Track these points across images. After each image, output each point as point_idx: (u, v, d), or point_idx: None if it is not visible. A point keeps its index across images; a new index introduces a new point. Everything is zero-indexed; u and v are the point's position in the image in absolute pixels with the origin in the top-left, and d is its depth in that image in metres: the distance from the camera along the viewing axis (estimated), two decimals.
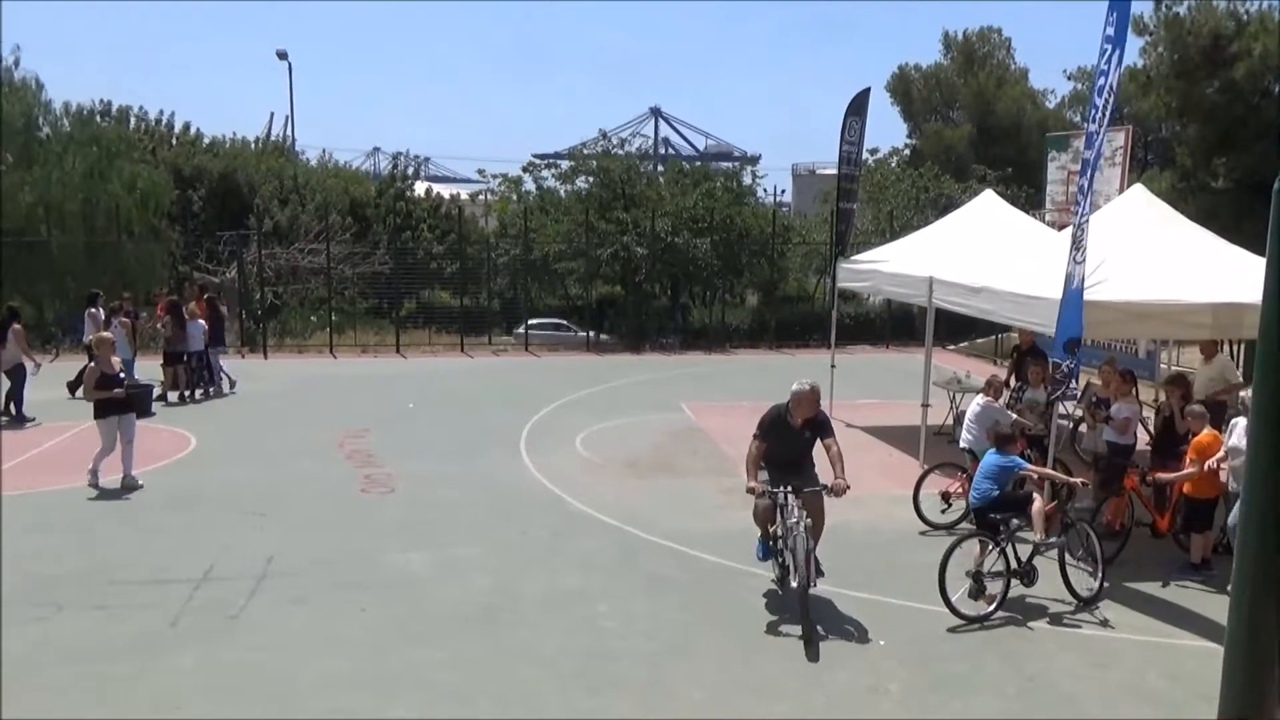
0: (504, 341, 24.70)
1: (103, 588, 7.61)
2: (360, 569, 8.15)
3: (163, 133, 38.28)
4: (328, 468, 11.53)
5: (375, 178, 45.80)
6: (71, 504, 9.93)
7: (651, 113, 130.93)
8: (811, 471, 7.58)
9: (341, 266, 26.04)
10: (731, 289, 27.53)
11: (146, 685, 6.11)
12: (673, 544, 8.85)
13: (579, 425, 13.90)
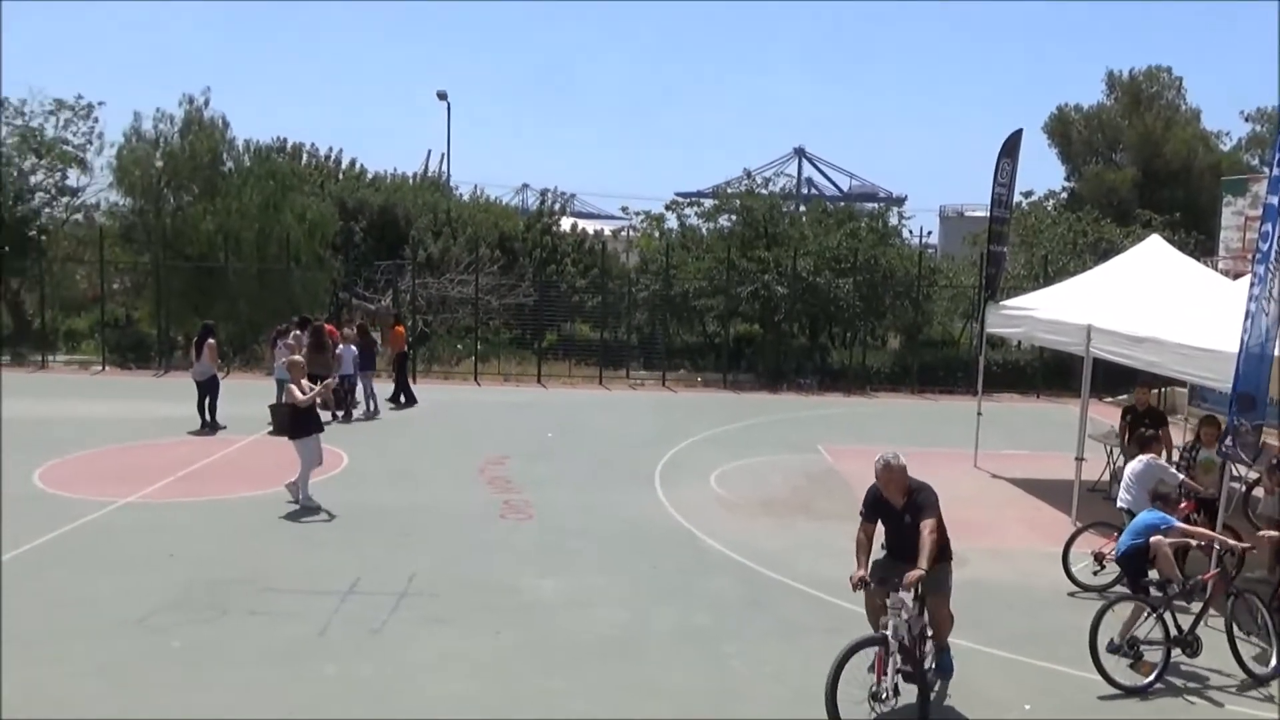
0: (642, 375, 24.92)
1: (259, 595, 8.04)
2: (496, 593, 8.34)
3: (330, 168, 40.70)
4: (469, 492, 11.88)
5: (523, 213, 47.23)
6: (235, 512, 10.56)
7: (795, 153, 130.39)
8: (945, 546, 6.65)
9: (488, 297, 26.92)
10: (873, 331, 26.99)
11: (293, 691, 6.40)
12: (807, 588, 8.68)
13: (714, 462, 13.86)
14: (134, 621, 7.38)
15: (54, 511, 10.27)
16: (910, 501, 6.51)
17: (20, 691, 6.20)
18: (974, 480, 13.37)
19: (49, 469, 12.21)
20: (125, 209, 28.09)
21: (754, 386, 23.50)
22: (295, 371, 11.11)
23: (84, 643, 7.00)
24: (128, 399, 18.33)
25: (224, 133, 28.23)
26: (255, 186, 27.15)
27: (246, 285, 26.00)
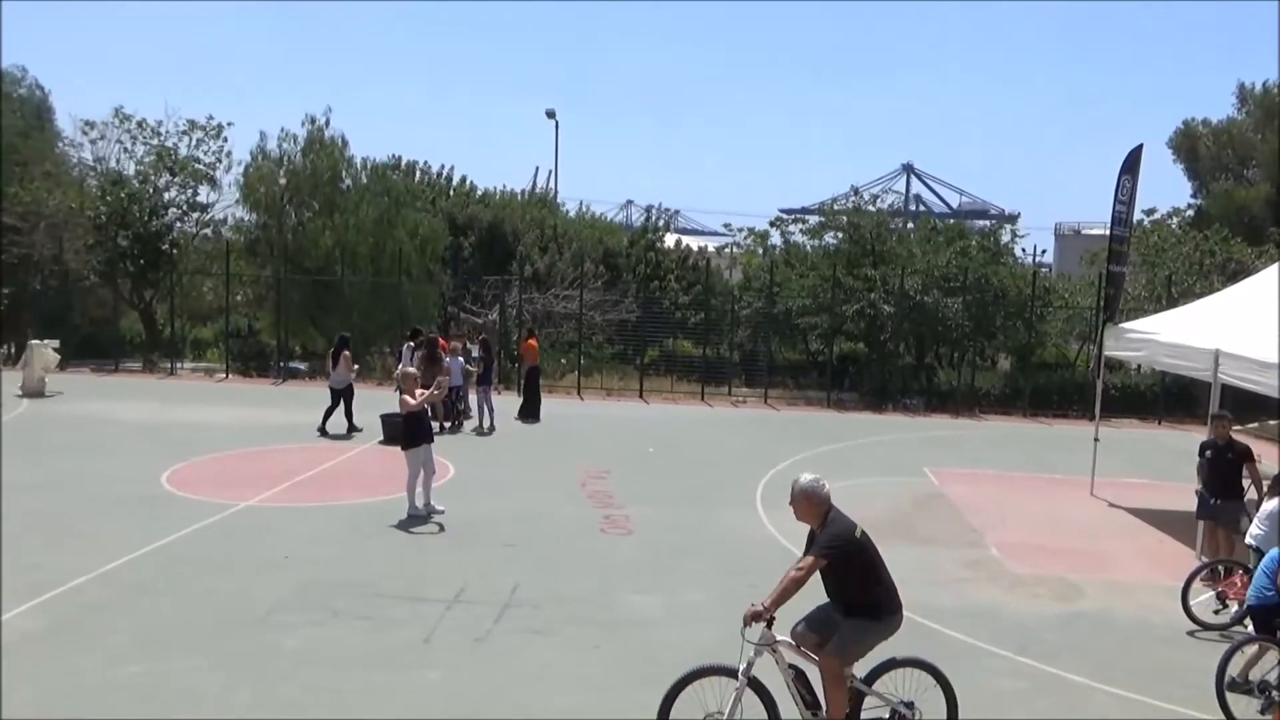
0: (744, 392, 24.79)
1: (369, 599, 8.28)
2: (596, 606, 8.39)
3: (442, 184, 41.87)
4: (570, 505, 12.00)
5: (628, 229, 47.62)
6: (347, 518, 10.92)
7: (904, 169, 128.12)
8: (854, 598, 5.80)
9: (592, 313, 27.23)
10: (982, 352, 26.24)
11: (399, 695, 6.56)
12: (911, 614, 8.38)
13: None
14: (253, 620, 7.70)
15: (181, 512, 10.80)
16: (819, 533, 5.85)
17: (150, 681, 6.52)
18: (1090, 509, 12.85)
19: (176, 472, 12.86)
20: (250, 224, 29.46)
21: (858, 406, 23.10)
22: (407, 382, 11.42)
23: (209, 638, 7.33)
24: (248, 406, 19.17)
25: (343, 151, 29.38)
26: (371, 203, 28.16)
27: (360, 298, 26.92)
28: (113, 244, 27.13)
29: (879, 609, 5.78)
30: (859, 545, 5.76)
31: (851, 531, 5.78)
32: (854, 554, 5.74)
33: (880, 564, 5.84)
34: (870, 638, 5.81)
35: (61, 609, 7.78)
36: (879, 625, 5.79)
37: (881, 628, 5.81)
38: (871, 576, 5.79)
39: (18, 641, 7.11)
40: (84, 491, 11.66)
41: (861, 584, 5.77)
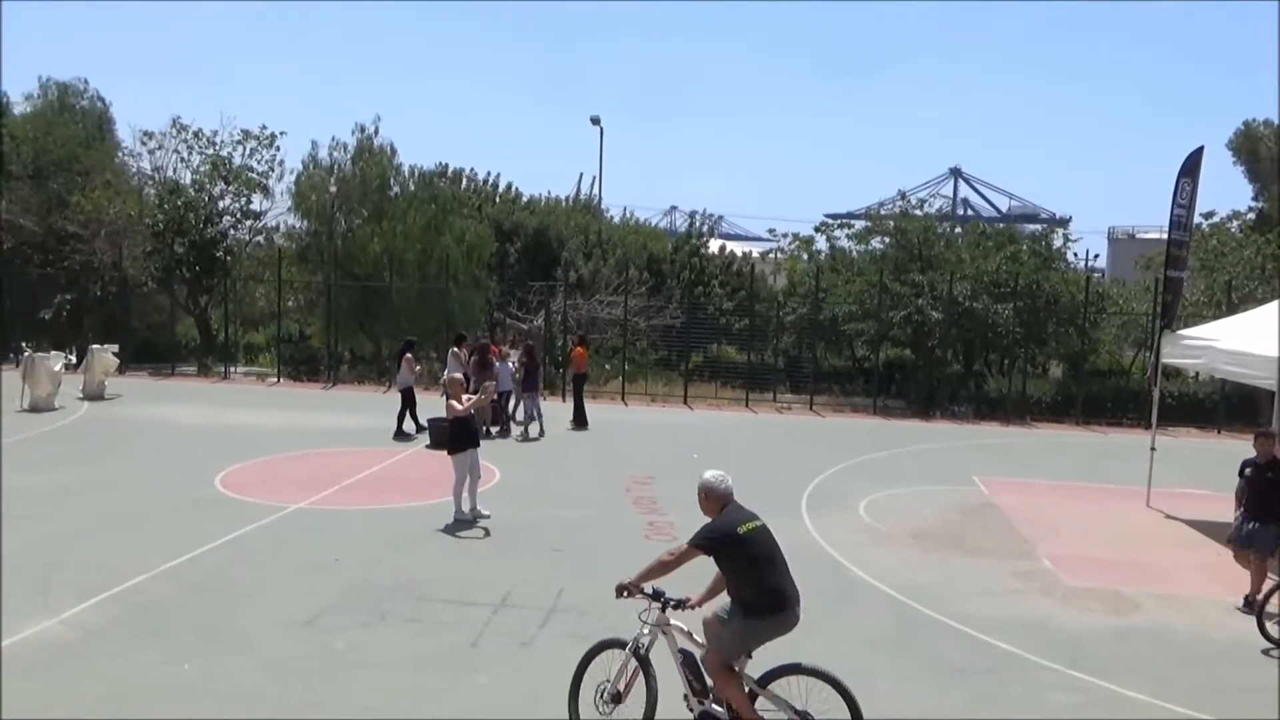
0: (788, 399, 24.65)
1: (417, 602, 8.36)
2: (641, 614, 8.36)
3: (488, 191, 42.24)
4: (615, 511, 12.01)
5: (672, 235, 47.66)
6: (394, 521, 11.04)
7: (951, 172, 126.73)
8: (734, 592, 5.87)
9: (636, 318, 27.28)
10: (1033, 358, 25.81)
11: (447, 699, 6.61)
12: (961, 626, 8.34)
13: (863, 490, 13.54)
14: (303, 622, 7.81)
15: (233, 514, 11.01)
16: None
17: (206, 680, 6.65)
18: (1146, 520, 12.57)
19: (229, 474, 13.10)
20: (301, 231, 29.97)
21: (905, 413, 22.85)
22: (453, 388, 11.52)
23: (260, 638, 7.45)
24: (299, 410, 19.47)
25: (391, 159, 29.79)
26: (419, 210, 28.50)
27: (408, 304, 27.24)
28: (169, 251, 27.78)
29: (754, 607, 5.73)
30: (737, 540, 5.79)
31: (734, 527, 5.84)
32: (729, 548, 5.79)
33: (763, 563, 5.78)
34: (746, 635, 5.78)
35: (121, 606, 7.97)
36: (756, 624, 5.74)
37: (760, 627, 5.75)
38: (747, 574, 5.76)
39: (82, 638, 7.30)
40: (141, 492, 11.94)
41: (736, 580, 5.80)
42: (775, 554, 5.89)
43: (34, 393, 18.02)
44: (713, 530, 5.89)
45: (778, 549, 5.92)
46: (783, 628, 5.82)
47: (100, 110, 34.63)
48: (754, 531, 5.88)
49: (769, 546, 5.88)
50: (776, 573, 5.81)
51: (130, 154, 31.94)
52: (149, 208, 28.86)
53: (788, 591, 5.81)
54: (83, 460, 13.87)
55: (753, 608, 5.74)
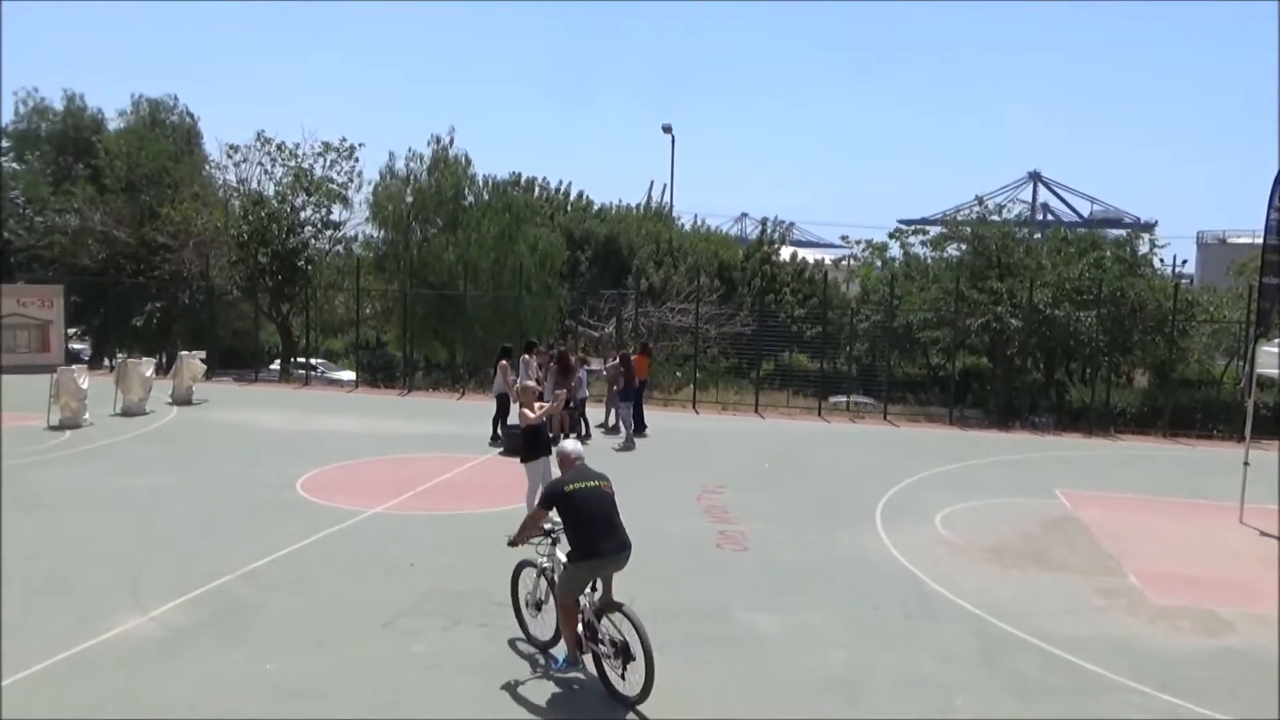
0: (862, 408, 24.32)
1: (489, 608, 8.44)
2: (712, 623, 8.33)
3: (560, 200, 42.67)
4: (686, 519, 11.98)
5: (743, 242, 47.48)
6: (468, 527, 11.18)
7: (1030, 177, 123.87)
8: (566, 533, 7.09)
9: (707, 326, 27.23)
10: (1117, 367, 25.01)
11: (520, 702, 6.66)
12: (1043, 644, 8.10)
13: (939, 502, 13.27)
14: (381, 624, 7.96)
15: (313, 517, 11.28)
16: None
17: (288, 679, 6.82)
18: (1239, 537, 12.06)
19: (309, 478, 13.43)
20: (379, 241, 30.66)
21: (983, 423, 22.36)
22: (526, 396, 11.60)
23: (340, 639, 7.61)
24: (376, 416, 19.88)
25: (466, 169, 30.33)
26: (492, 219, 28.94)
27: (482, 311, 27.66)
28: (253, 261, 28.66)
29: (575, 554, 6.81)
30: (564, 496, 6.87)
31: (563, 485, 6.96)
32: (560, 503, 6.88)
33: (584, 517, 6.80)
34: (576, 576, 6.86)
35: (207, 606, 8.22)
36: (582, 566, 6.81)
37: (586, 568, 6.82)
38: (573, 525, 6.83)
39: (170, 636, 7.54)
40: (226, 495, 12.32)
41: (566, 529, 6.91)
42: (598, 509, 6.88)
43: (126, 397, 18.74)
44: (549, 488, 7.17)
45: (605, 506, 6.96)
46: (602, 571, 6.92)
47: (189, 125, 35.96)
48: (581, 489, 6.91)
49: (594, 504, 6.89)
50: (594, 526, 6.79)
51: (217, 167, 33.15)
52: (234, 219, 29.84)
53: (602, 544, 6.79)
54: (172, 463, 14.36)
55: (575, 555, 6.83)
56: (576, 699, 6.79)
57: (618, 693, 6.67)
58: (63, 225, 30.86)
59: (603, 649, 6.70)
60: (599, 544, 6.76)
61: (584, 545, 6.75)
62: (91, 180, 30.92)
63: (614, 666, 6.65)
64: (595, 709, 6.64)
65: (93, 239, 29.45)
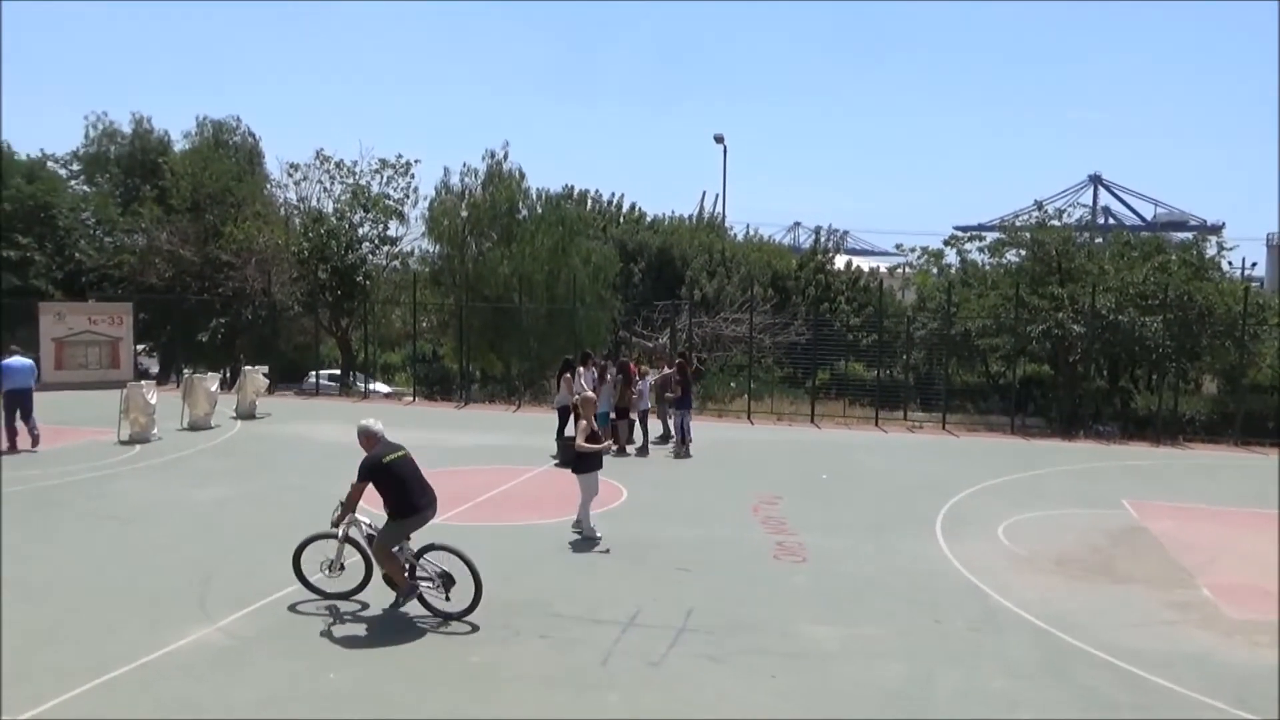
0: (919, 417, 23.99)
1: (547, 619, 8.48)
2: (771, 636, 8.26)
3: (612, 212, 42.87)
4: (743, 530, 11.91)
5: (796, 251, 47.22)
6: (525, 538, 11.24)
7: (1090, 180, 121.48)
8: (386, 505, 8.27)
9: (761, 336, 27.10)
10: (1185, 373, 24.33)
11: (579, 716, 6.66)
12: (1112, 658, 7.89)
13: (1001, 513, 13.02)
14: (440, 635, 8.03)
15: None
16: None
17: (349, 688, 6.91)
18: None
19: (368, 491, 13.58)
20: (435, 255, 31.09)
21: (1045, 432, 21.91)
22: (586, 407, 11.63)
23: (400, 649, 7.70)
24: (433, 428, 20.10)
25: (520, 183, 30.63)
26: (546, 232, 29.18)
27: (536, 324, 27.87)
28: (313, 277, 29.25)
29: (398, 513, 8.17)
30: (383, 467, 8.16)
31: (381, 458, 8.20)
32: (379, 475, 8.15)
33: (403, 481, 8.21)
34: (398, 530, 8.21)
35: (271, 616, 8.37)
36: (404, 522, 8.20)
37: (408, 523, 8.22)
38: (393, 490, 8.15)
39: (237, 645, 7.70)
40: (289, 506, 12.54)
41: (385, 495, 8.17)
42: (412, 474, 8.33)
43: (193, 412, 19.22)
44: (368, 463, 8.21)
45: (416, 470, 8.40)
46: (418, 524, 8.31)
47: (251, 145, 36.87)
48: (396, 459, 8.27)
49: (409, 469, 8.33)
50: (409, 488, 8.22)
51: (278, 185, 33.91)
52: (295, 236, 30.48)
53: (420, 502, 8.27)
54: (236, 475, 14.68)
55: (397, 513, 8.18)
56: (633, 710, 6.78)
57: (446, 611, 8.21)
58: (131, 245, 31.80)
59: (424, 583, 8.21)
60: (418, 502, 8.22)
61: (406, 505, 8.16)
62: (158, 201, 31.83)
63: (437, 594, 8.19)
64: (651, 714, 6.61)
65: (160, 258, 30.30)
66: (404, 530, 8.22)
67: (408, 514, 8.18)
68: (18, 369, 16.56)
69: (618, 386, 17.29)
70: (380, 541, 8.18)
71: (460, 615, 8.19)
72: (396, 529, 8.18)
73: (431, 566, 8.26)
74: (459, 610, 8.20)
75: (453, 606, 8.22)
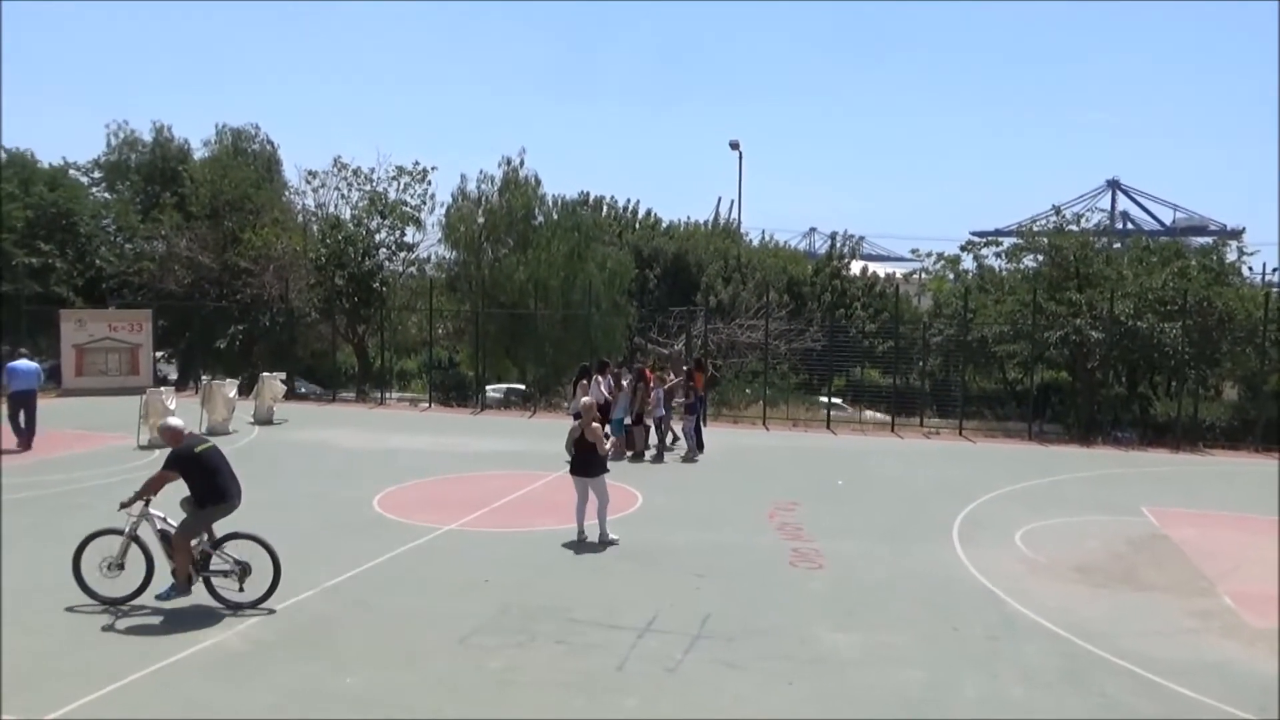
0: (936, 423, 23.87)
1: (564, 624, 8.47)
2: (788, 642, 8.23)
3: (628, 218, 42.91)
4: (759, 537, 11.88)
5: (812, 256, 47.16)
6: (540, 543, 11.24)
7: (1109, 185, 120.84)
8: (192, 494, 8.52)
9: (777, 342, 27.04)
10: (1205, 380, 24.12)
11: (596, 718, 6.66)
12: (1133, 667, 7.82)
13: (1019, 520, 12.94)
14: (458, 640, 8.04)
15: (390, 534, 11.47)
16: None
17: (368, 693, 6.92)
18: None
19: (386, 496, 13.67)
20: (451, 262, 31.16)
21: (1063, 439, 21.77)
22: (587, 414, 11.62)
23: (418, 654, 7.71)
24: (449, 434, 20.16)
25: (535, 190, 30.71)
26: (562, 238, 29.23)
27: (552, 330, 27.91)
28: (331, 283, 29.38)
29: (209, 499, 8.46)
30: (194, 458, 8.46)
31: (191, 450, 8.52)
32: (189, 464, 8.43)
33: (213, 470, 8.55)
34: (205, 518, 8.52)
35: (289, 621, 8.40)
36: (206, 511, 8.48)
37: (209, 513, 8.52)
38: (201, 481, 8.45)
39: (254, 649, 7.73)
40: (307, 512, 12.60)
41: (193, 484, 8.43)
42: (223, 464, 8.68)
43: (211, 418, 19.33)
44: (179, 453, 8.48)
45: (225, 461, 8.75)
46: (224, 512, 8.61)
47: (269, 152, 37.09)
48: (206, 450, 8.63)
49: (219, 460, 8.68)
50: (222, 477, 8.59)
51: (296, 192, 34.09)
52: (312, 243, 30.64)
53: (229, 489, 8.61)
54: (255, 481, 14.64)
55: (206, 500, 8.46)
56: (649, 715, 6.77)
57: (237, 601, 8.45)
58: (151, 252, 32.03)
59: (216, 577, 8.50)
60: (228, 490, 8.59)
61: (215, 493, 8.49)
62: (178, 208, 32.07)
63: (231, 585, 8.47)
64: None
65: (179, 264, 30.51)
66: (209, 518, 8.55)
67: (217, 501, 8.50)
68: (23, 372, 17.15)
69: (637, 393, 17.29)
70: (182, 531, 8.42)
71: (254, 604, 8.43)
72: (202, 517, 8.49)
73: (229, 556, 8.54)
74: (253, 599, 8.45)
75: (246, 596, 8.47)
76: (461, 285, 30.83)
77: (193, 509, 8.50)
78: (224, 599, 8.50)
